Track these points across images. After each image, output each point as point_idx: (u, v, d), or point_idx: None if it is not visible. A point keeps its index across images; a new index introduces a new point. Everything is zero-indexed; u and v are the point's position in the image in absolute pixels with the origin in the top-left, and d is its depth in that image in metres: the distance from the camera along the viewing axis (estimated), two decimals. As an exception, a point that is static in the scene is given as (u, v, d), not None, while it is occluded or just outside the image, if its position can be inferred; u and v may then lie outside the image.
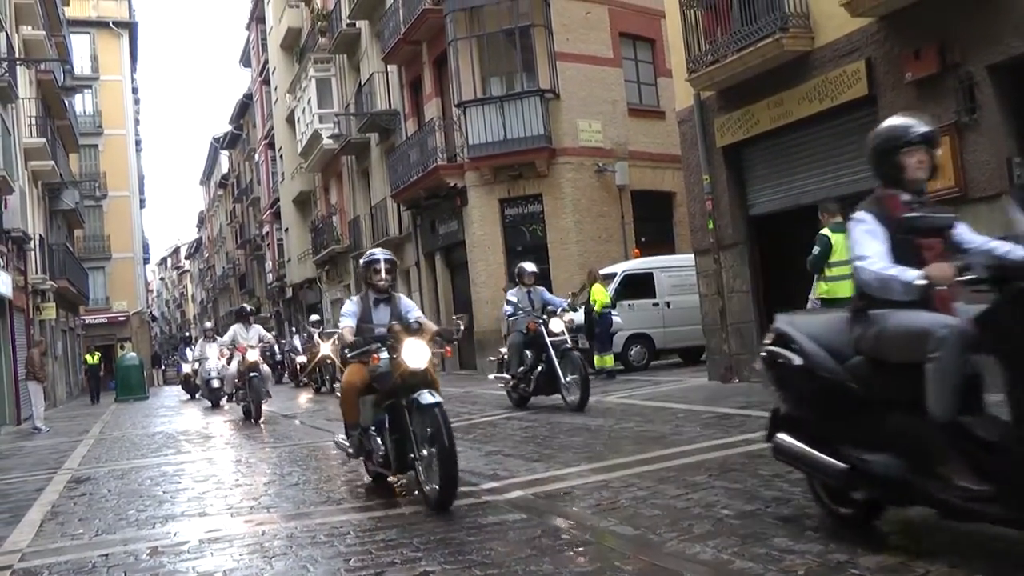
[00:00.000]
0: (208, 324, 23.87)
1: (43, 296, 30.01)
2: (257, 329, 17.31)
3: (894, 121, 4.60)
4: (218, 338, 20.75)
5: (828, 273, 10.01)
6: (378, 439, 6.76)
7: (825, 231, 10.08)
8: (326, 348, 20.53)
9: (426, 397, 6.21)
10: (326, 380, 22.32)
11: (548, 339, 12.04)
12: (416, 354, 6.46)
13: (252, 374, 15.68)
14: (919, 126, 4.46)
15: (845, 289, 9.29)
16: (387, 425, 6.69)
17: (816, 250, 10.05)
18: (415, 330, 6.70)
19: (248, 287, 59.37)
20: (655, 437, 8.76)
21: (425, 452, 6.22)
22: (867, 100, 11.07)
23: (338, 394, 7.69)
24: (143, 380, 34.18)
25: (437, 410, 6.08)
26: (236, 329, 17.17)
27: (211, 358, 20.75)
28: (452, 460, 5.93)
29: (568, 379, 11.81)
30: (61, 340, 35.63)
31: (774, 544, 4.48)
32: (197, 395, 25.82)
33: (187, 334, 31.63)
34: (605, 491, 6.24)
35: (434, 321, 14.40)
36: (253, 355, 16.05)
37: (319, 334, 22.20)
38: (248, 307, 19.68)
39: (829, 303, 9.79)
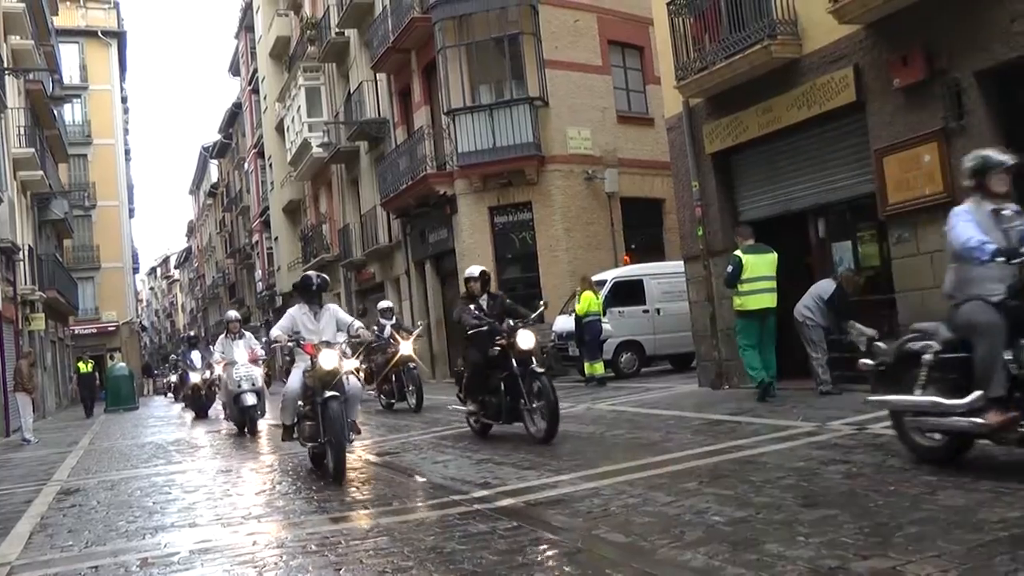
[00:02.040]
0: (233, 313, 16.95)
1: (32, 307, 29.86)
2: (248, 340, 15.70)
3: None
4: (246, 334, 16.10)
5: (741, 288, 11.52)
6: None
7: (738, 252, 11.65)
8: (407, 347, 15.70)
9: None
10: (408, 391, 16.28)
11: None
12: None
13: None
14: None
15: (755, 303, 11.43)
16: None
17: (730, 269, 11.62)
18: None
19: (238, 296, 59.25)
20: (646, 444, 8.76)
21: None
22: (855, 106, 11.11)
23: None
24: (133, 390, 34.06)
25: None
26: (223, 342, 15.78)
27: (240, 363, 15.22)
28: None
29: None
30: (50, 351, 35.49)
31: (765, 550, 4.48)
32: (215, 414, 20.48)
33: (190, 334, 31.23)
34: (596, 499, 6.23)
35: (427, 330, 14.85)
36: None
37: (394, 328, 17.02)
38: (235, 314, 16.94)
39: (744, 315, 11.63)
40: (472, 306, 10.51)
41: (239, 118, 55.08)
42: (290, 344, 8.97)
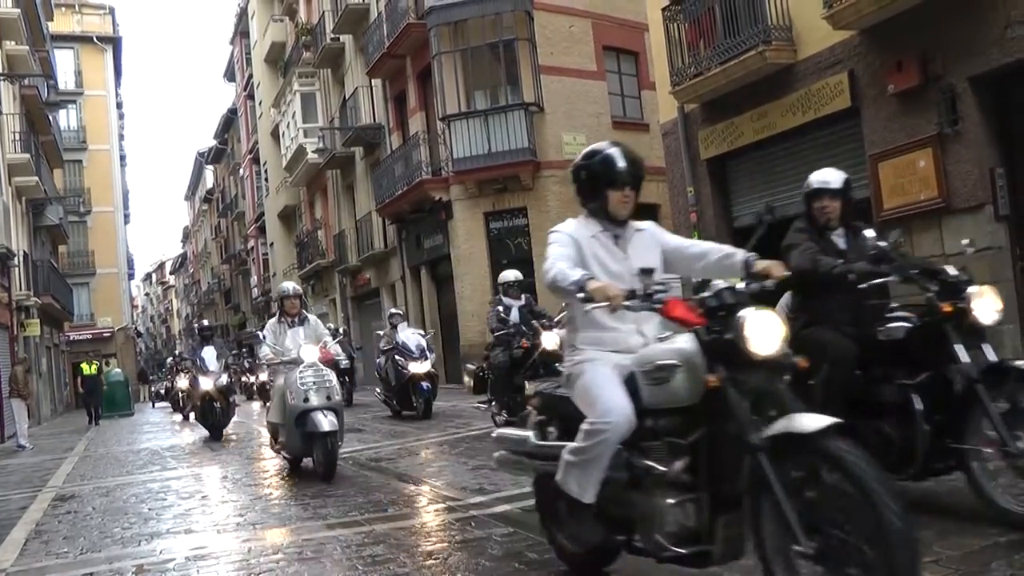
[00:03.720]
0: (290, 286, 10.50)
1: (27, 313, 29.81)
2: (315, 328, 10.42)
3: None
4: (310, 318, 10.52)
5: None
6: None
7: None
8: (551, 340, 11.31)
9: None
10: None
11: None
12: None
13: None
14: None
15: None
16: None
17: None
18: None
19: (233, 302, 59.18)
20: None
21: None
22: (850, 112, 11.15)
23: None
24: (128, 396, 34.01)
25: None
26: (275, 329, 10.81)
27: (307, 361, 9.30)
28: None
29: None
30: (45, 357, 35.41)
31: (761, 556, 4.47)
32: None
33: (203, 323, 19.58)
34: (592, 504, 6.22)
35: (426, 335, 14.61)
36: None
37: (529, 315, 12.35)
38: (292, 287, 10.58)
39: None
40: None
41: (234, 124, 55.05)
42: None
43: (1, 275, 25.41)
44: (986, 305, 4.96)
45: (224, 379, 15.77)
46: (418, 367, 15.30)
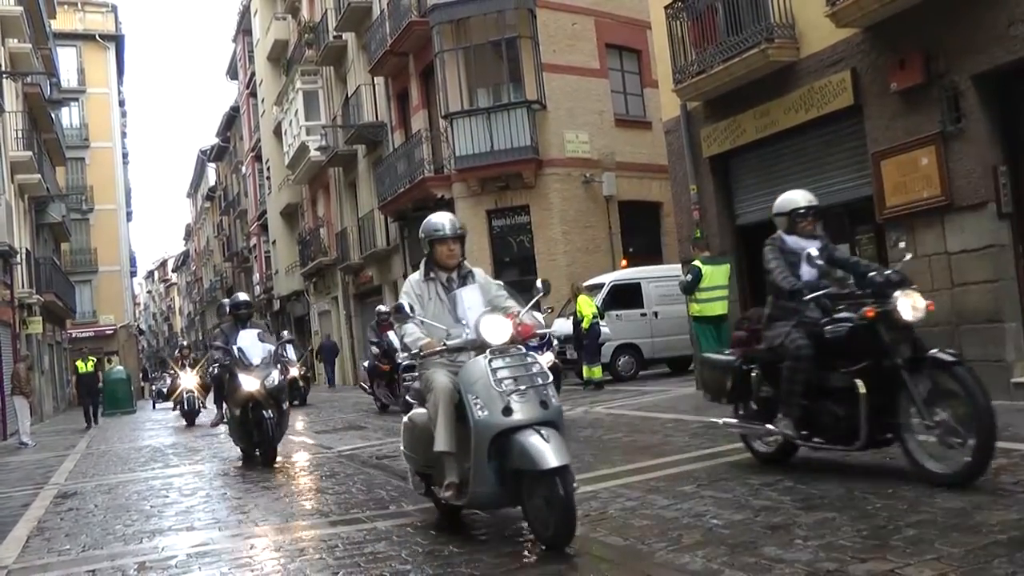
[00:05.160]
0: (445, 219, 6.25)
1: (29, 310, 29.84)
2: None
3: None
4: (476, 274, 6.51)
5: (699, 296, 12.66)
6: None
7: (697, 262, 12.75)
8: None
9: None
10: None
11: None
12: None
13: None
14: None
15: (711, 310, 12.61)
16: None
17: (689, 277, 12.74)
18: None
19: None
20: (644, 447, 8.76)
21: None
22: (853, 110, 11.11)
23: None
24: (130, 394, 34.03)
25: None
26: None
27: (497, 337, 5.52)
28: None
29: None
30: (47, 354, 35.45)
31: (764, 553, 4.48)
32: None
33: (240, 298, 11.92)
34: (594, 501, 6.23)
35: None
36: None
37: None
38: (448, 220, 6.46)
39: (701, 320, 12.82)
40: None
41: (237, 122, 55.05)
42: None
43: (4, 273, 25.41)
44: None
45: (275, 376, 10.76)
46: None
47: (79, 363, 26.54)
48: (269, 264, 47.70)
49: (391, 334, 16.00)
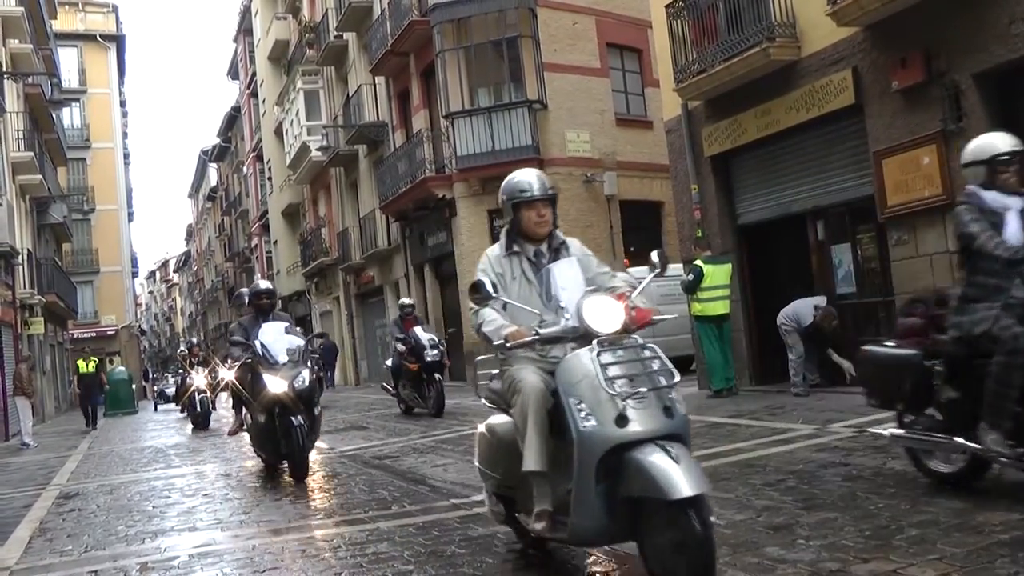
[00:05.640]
0: (531, 174, 5.07)
1: (31, 311, 29.84)
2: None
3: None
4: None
5: (701, 296, 12.64)
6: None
7: (698, 262, 12.72)
8: None
9: None
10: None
11: None
12: None
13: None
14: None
15: (713, 309, 12.61)
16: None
17: (691, 277, 12.72)
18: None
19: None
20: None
21: None
22: (854, 109, 11.11)
23: None
24: (132, 394, 34.06)
25: None
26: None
27: (605, 325, 4.22)
28: None
29: None
30: (49, 355, 35.46)
31: (766, 553, 4.48)
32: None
33: (260, 286, 10.32)
34: (596, 502, 6.21)
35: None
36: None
37: None
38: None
39: (702, 320, 12.81)
40: None
41: (238, 122, 55.04)
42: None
43: (5, 273, 25.42)
44: None
45: (305, 376, 9.17)
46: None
47: (80, 363, 26.26)
48: (270, 264, 47.69)
49: (418, 329, 15.34)
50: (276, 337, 9.39)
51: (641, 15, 20.40)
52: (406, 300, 17.18)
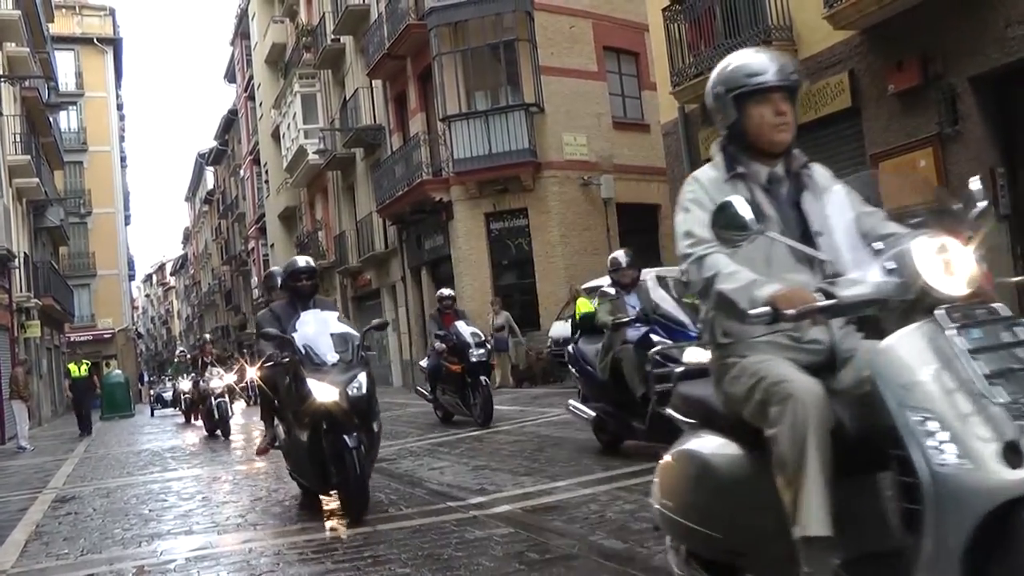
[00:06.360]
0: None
1: (27, 314, 29.82)
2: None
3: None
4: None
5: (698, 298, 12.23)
6: None
7: None
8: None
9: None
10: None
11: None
12: None
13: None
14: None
15: None
16: None
17: (688, 279, 12.38)
18: None
19: (234, 303, 59.14)
20: (642, 449, 8.75)
21: None
22: (851, 112, 11.15)
23: None
24: (129, 397, 34.05)
25: None
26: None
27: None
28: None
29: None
30: (46, 358, 35.41)
31: (763, 556, 4.46)
32: None
33: (303, 264, 8.10)
34: (593, 504, 6.22)
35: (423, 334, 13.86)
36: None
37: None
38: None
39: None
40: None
41: (235, 125, 55.04)
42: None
43: (2, 277, 25.41)
44: None
45: (362, 381, 6.76)
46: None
47: (72, 367, 25.59)
48: (267, 267, 47.48)
49: (460, 324, 12.93)
50: (320, 329, 7.04)
51: (638, 18, 20.45)
52: (445, 291, 14.56)
